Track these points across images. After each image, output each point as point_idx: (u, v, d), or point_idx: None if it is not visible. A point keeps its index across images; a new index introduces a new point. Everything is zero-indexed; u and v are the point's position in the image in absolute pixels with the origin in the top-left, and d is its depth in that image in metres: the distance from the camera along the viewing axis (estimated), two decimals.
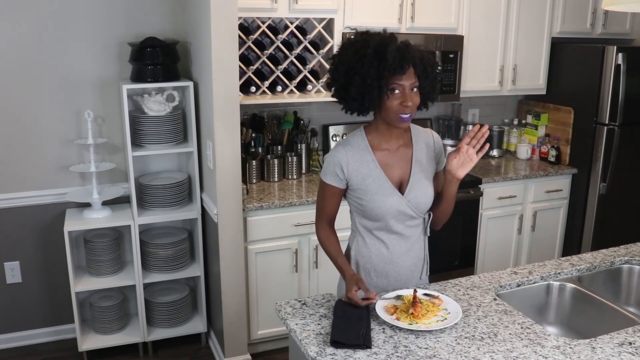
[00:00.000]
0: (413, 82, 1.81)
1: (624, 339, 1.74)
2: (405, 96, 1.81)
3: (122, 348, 3.32)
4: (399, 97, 1.81)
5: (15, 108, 3.15)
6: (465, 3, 3.62)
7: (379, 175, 1.92)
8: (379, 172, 1.93)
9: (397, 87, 1.80)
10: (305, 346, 1.68)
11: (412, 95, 1.82)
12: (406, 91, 1.81)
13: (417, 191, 1.95)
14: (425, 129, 2.06)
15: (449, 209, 2.01)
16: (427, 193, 1.97)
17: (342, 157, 1.93)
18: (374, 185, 1.92)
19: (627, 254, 2.37)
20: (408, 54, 1.79)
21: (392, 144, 1.95)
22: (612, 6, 1.82)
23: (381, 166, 1.93)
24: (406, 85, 1.80)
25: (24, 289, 3.38)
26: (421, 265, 2.08)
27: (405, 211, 1.94)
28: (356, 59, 1.79)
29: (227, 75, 2.80)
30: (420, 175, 1.96)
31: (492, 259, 3.86)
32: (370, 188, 1.92)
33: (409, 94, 1.81)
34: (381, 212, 1.93)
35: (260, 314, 3.24)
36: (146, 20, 3.23)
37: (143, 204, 3.25)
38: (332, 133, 3.76)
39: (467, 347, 1.67)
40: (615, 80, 3.68)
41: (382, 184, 1.92)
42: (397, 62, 1.76)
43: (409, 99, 1.81)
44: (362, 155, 1.93)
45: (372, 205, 1.92)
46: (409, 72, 1.80)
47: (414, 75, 1.82)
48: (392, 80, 1.79)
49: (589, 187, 3.90)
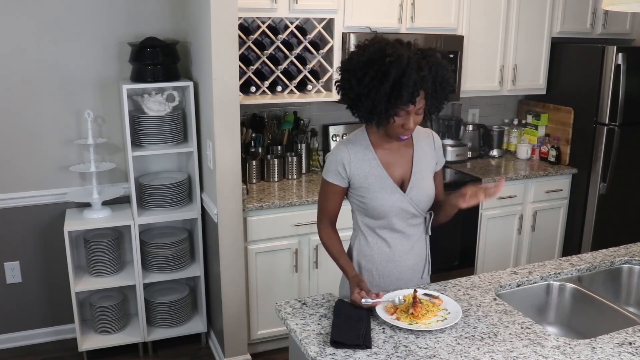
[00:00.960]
0: (420, 107, 1.80)
1: (624, 339, 1.74)
2: (409, 120, 1.80)
3: (122, 348, 3.32)
4: (402, 120, 1.80)
5: (15, 108, 3.15)
6: (465, 3, 3.62)
7: (381, 173, 1.93)
8: (380, 171, 1.93)
9: (403, 113, 1.79)
10: (305, 346, 1.68)
11: (415, 118, 1.81)
12: (411, 115, 1.80)
13: (419, 189, 1.96)
14: (425, 129, 2.06)
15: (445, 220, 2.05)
16: (429, 191, 1.99)
17: (344, 156, 1.93)
18: (376, 184, 1.92)
19: (627, 254, 2.37)
20: (425, 84, 1.73)
21: (393, 143, 1.96)
22: (612, 6, 1.82)
23: (383, 164, 1.94)
24: (412, 110, 1.79)
25: (24, 289, 3.38)
26: (423, 265, 2.08)
27: (407, 209, 1.95)
28: (371, 87, 1.73)
29: (227, 75, 2.80)
30: (422, 173, 1.98)
31: (492, 259, 3.86)
32: (372, 186, 1.92)
33: (413, 117, 1.80)
34: (383, 210, 1.93)
35: (260, 314, 3.24)
36: (146, 20, 3.23)
37: (143, 204, 3.25)
38: (332, 133, 3.76)
39: (467, 347, 1.67)
40: (615, 80, 3.68)
41: (384, 182, 1.93)
42: (411, 96, 1.73)
43: (412, 122, 1.81)
44: (364, 154, 1.94)
45: (375, 204, 1.93)
46: (419, 99, 1.77)
47: (423, 99, 1.79)
48: (401, 107, 1.77)
49: (589, 187, 3.90)
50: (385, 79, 1.71)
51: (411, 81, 1.70)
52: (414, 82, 1.71)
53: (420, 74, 1.71)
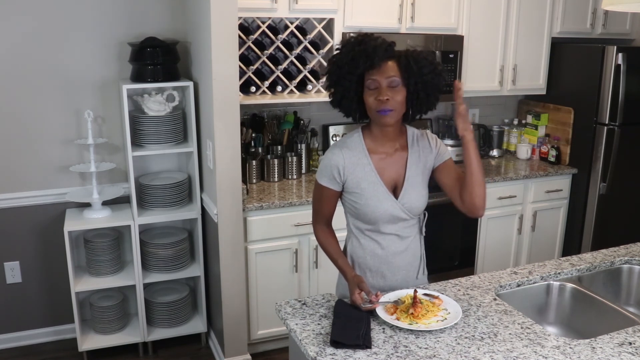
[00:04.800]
0: (390, 76, 1.80)
1: (624, 339, 1.74)
2: (381, 92, 1.80)
3: (122, 348, 3.32)
4: (374, 92, 1.81)
5: (15, 108, 3.15)
6: (465, 3, 3.62)
7: (374, 179, 1.92)
8: (374, 177, 1.92)
9: (372, 83, 1.81)
10: (305, 346, 1.68)
11: (389, 91, 1.81)
12: (382, 86, 1.80)
13: (411, 195, 1.94)
14: (421, 131, 2.02)
15: (479, 178, 1.84)
16: (421, 197, 1.97)
17: (339, 161, 1.92)
18: (369, 189, 1.91)
19: (627, 254, 2.37)
20: (387, 48, 1.80)
21: (388, 147, 1.94)
22: (612, 6, 1.82)
23: (377, 169, 1.93)
24: (381, 80, 1.80)
25: (24, 289, 3.38)
26: (417, 265, 2.07)
27: (398, 215, 1.94)
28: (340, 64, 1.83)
29: (227, 75, 2.80)
30: (415, 179, 1.95)
31: (492, 259, 3.86)
32: (365, 192, 1.91)
33: (385, 88, 1.80)
34: (374, 217, 1.93)
35: (260, 314, 3.24)
36: (146, 20, 3.23)
37: (143, 204, 3.25)
38: (332, 133, 3.76)
39: (467, 347, 1.67)
40: (615, 80, 3.68)
41: (377, 189, 1.92)
42: (371, 54, 1.77)
43: (384, 94, 1.80)
44: (358, 158, 1.92)
45: (366, 210, 1.92)
46: (385, 66, 1.80)
47: (397, 69, 1.81)
48: (368, 76, 1.81)
49: (589, 187, 3.90)
50: (346, 49, 1.82)
51: (370, 46, 1.78)
52: (373, 47, 1.78)
53: (378, 41, 1.80)
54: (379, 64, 1.79)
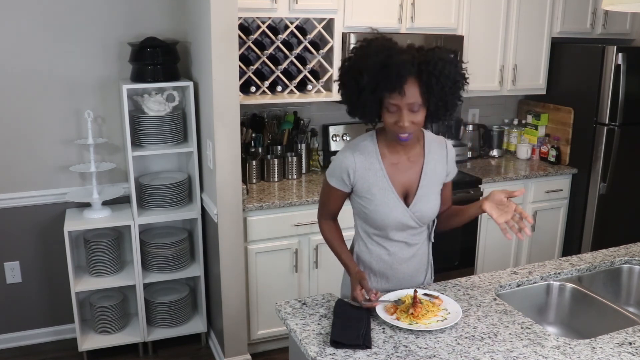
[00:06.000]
0: (412, 102, 1.71)
1: (624, 339, 1.74)
2: (402, 118, 1.72)
3: (122, 348, 3.32)
4: (394, 115, 1.74)
5: (15, 108, 3.15)
6: (465, 3, 3.62)
7: (386, 185, 1.88)
8: (385, 183, 1.88)
9: (393, 107, 1.72)
10: (305, 346, 1.68)
11: (410, 116, 1.72)
12: (403, 112, 1.72)
13: (423, 204, 1.91)
14: (439, 138, 1.99)
15: (458, 225, 2.03)
16: (433, 206, 1.94)
17: (350, 164, 1.88)
18: (380, 195, 1.87)
19: (627, 254, 2.37)
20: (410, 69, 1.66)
21: (402, 153, 1.90)
22: (612, 6, 1.82)
23: (389, 175, 1.88)
24: (402, 104, 1.71)
25: (24, 289, 3.38)
26: (424, 270, 2.07)
27: (408, 223, 1.91)
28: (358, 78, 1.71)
29: (227, 75, 2.80)
30: (429, 188, 1.92)
31: (492, 259, 3.86)
32: (375, 198, 1.88)
33: (406, 114, 1.72)
34: (383, 224, 1.90)
35: (260, 314, 3.24)
36: (146, 20, 3.22)
37: (143, 204, 3.25)
38: (332, 133, 3.76)
39: (467, 347, 1.67)
40: (615, 80, 3.68)
41: (388, 195, 1.88)
42: (395, 82, 1.66)
43: (405, 120, 1.72)
44: (370, 163, 1.88)
45: (375, 216, 1.89)
46: (407, 89, 1.68)
47: (418, 92, 1.70)
48: (388, 99, 1.71)
49: (589, 187, 3.90)
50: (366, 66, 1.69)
51: (393, 72, 1.64)
52: (397, 73, 1.65)
53: (402, 57, 1.67)
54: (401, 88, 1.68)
